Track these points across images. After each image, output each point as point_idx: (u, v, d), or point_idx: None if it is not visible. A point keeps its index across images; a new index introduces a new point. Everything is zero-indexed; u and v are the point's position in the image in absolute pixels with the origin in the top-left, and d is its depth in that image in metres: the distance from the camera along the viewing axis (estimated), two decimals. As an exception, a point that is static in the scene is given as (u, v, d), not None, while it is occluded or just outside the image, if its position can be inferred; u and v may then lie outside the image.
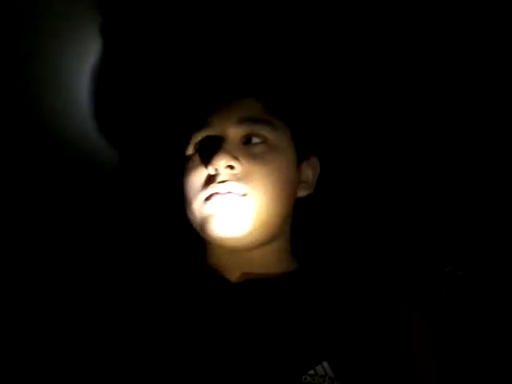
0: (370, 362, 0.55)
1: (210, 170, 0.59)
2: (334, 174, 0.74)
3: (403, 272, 0.89)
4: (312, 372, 0.53)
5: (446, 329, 0.86)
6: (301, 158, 0.66)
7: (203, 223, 0.60)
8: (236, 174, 0.59)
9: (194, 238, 0.65)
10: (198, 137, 0.63)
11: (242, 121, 0.62)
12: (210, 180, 0.60)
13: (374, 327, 0.58)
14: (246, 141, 0.62)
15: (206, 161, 0.60)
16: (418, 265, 0.93)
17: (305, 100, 0.74)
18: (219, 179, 0.59)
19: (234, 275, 0.62)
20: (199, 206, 0.60)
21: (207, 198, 0.59)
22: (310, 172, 0.68)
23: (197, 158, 0.62)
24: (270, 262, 0.63)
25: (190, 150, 0.64)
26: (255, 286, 0.61)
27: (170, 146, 0.71)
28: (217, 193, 0.58)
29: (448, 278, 0.93)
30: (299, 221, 0.67)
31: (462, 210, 0.99)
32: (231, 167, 0.59)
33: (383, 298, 0.62)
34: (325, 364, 0.54)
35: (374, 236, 0.94)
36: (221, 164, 0.58)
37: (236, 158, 0.59)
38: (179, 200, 0.64)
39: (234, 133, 0.62)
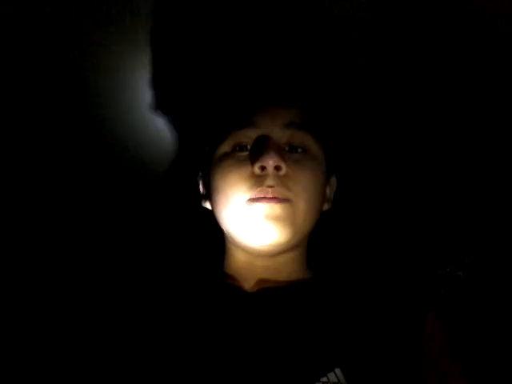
0: (381, 369, 0.55)
1: (256, 169, 0.57)
2: (344, 185, 0.76)
3: (417, 276, 0.90)
4: (325, 379, 0.53)
5: (446, 329, 0.87)
6: (329, 174, 0.67)
7: (242, 227, 0.58)
8: (281, 177, 0.57)
9: (214, 242, 0.64)
10: (239, 135, 0.61)
11: (287, 125, 0.61)
12: (257, 182, 0.57)
13: (386, 333, 0.58)
14: (287, 147, 0.61)
15: (253, 159, 0.58)
16: (423, 266, 0.94)
17: (340, 122, 0.76)
18: (268, 183, 0.57)
19: (249, 283, 0.62)
20: (240, 208, 0.58)
21: (252, 200, 0.57)
22: (330, 189, 0.70)
23: (237, 156, 0.61)
24: (287, 270, 0.63)
25: (226, 147, 0.62)
26: (270, 294, 0.60)
27: (203, 140, 0.68)
28: (264, 197, 0.57)
29: (448, 278, 0.94)
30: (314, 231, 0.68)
31: (462, 210, 0.99)
32: (278, 168, 0.57)
33: (395, 304, 0.62)
34: (337, 371, 0.54)
35: (383, 239, 0.94)
36: (269, 163, 0.56)
37: (283, 159, 0.57)
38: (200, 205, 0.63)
39: (279, 136, 0.60)
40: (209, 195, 0.64)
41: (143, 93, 0.79)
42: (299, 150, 0.61)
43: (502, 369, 0.81)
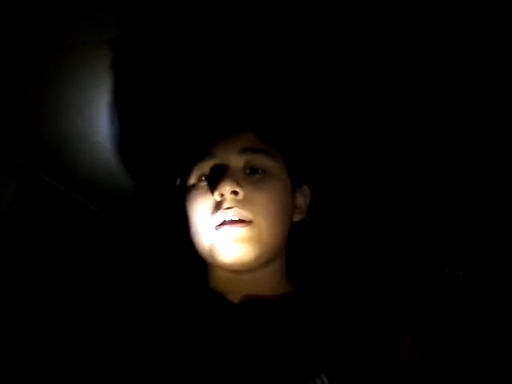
0: (363, 374, 0.58)
1: (216, 197, 0.62)
2: (321, 197, 0.78)
3: (395, 286, 0.91)
4: (311, 384, 0.56)
5: (445, 329, 0.89)
6: (295, 185, 0.70)
7: (213, 250, 0.63)
8: (240, 200, 0.62)
9: (196, 261, 0.68)
10: (202, 167, 0.66)
11: (242, 151, 0.65)
12: (217, 207, 0.63)
13: (367, 342, 0.60)
14: (247, 170, 0.65)
15: (212, 188, 0.63)
16: (417, 265, 0.95)
17: (297, 133, 0.79)
18: (225, 205, 0.62)
19: (235, 297, 0.64)
20: (209, 233, 0.63)
21: (217, 226, 0.62)
22: (302, 199, 0.73)
23: (201, 187, 0.66)
24: (268, 284, 0.66)
25: (192, 180, 0.68)
26: (256, 306, 0.63)
27: (172, 176, 0.74)
28: (226, 222, 0.62)
29: (448, 278, 0.95)
30: (291, 246, 0.71)
31: (462, 211, 1.00)
32: (235, 193, 0.62)
33: (375, 314, 0.64)
34: (323, 377, 0.57)
35: (368, 241, 0.96)
36: (226, 190, 0.61)
37: (239, 184, 0.62)
38: (182, 227, 0.67)
39: (236, 162, 0.65)
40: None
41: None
42: (259, 171, 0.66)
43: (500, 367, 0.82)
